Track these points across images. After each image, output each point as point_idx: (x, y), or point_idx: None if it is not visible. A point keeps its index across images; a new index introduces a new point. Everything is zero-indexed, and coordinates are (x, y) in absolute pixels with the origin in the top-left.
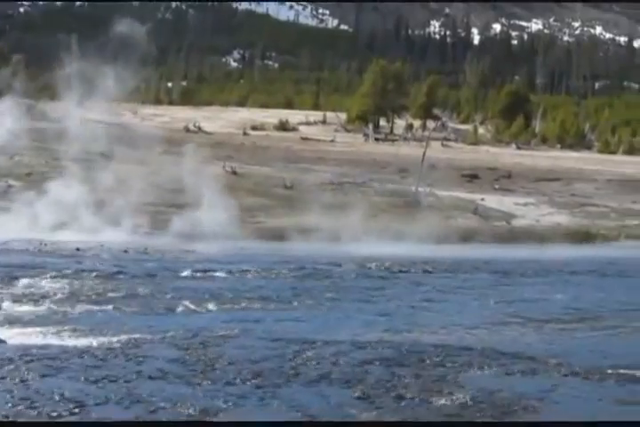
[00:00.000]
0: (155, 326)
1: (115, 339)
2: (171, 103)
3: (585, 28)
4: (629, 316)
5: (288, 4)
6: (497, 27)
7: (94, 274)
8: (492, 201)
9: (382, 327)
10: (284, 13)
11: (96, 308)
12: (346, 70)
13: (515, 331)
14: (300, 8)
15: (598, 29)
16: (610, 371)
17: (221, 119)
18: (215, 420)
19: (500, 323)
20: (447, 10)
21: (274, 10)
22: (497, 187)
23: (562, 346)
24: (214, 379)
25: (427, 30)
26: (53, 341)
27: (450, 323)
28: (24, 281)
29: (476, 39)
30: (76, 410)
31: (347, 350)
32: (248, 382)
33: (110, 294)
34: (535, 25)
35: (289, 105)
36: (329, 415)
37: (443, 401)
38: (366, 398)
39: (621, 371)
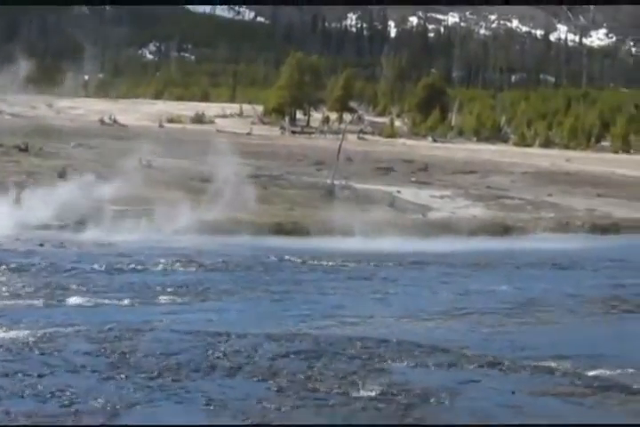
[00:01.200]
0: None
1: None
2: (87, 96)
3: (501, 22)
4: (542, 309)
5: None
6: (414, 20)
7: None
8: (408, 194)
9: (300, 320)
10: (200, 6)
11: None
12: (262, 63)
13: (428, 323)
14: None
15: (515, 23)
16: (524, 362)
17: (137, 112)
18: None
19: (416, 315)
20: None
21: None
22: (413, 179)
23: (476, 338)
24: (129, 373)
25: (344, 23)
26: None
27: (366, 315)
28: None
29: (393, 32)
30: None
31: (262, 343)
32: (163, 376)
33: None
34: (452, 18)
35: (205, 98)
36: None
37: (358, 393)
38: (282, 391)
39: (536, 363)
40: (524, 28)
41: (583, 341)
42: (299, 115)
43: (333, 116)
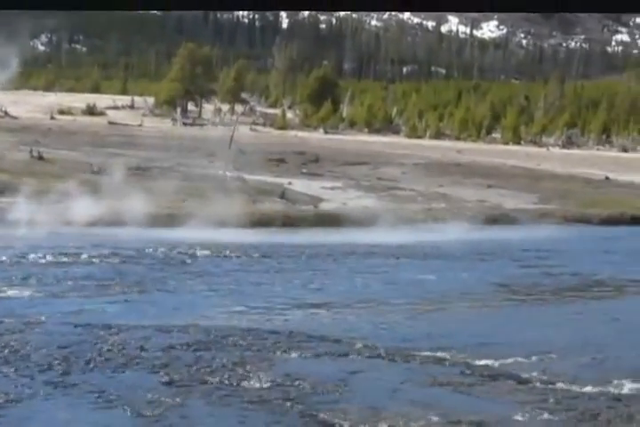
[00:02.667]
0: None
1: None
2: None
3: (393, 13)
4: (424, 301)
5: None
6: (306, 11)
7: None
8: (300, 185)
9: (194, 311)
10: None
11: None
12: (154, 55)
13: (319, 314)
14: None
15: (406, 14)
16: (414, 353)
17: (28, 104)
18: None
19: (307, 306)
20: None
21: None
22: (304, 171)
23: (366, 329)
24: (19, 366)
25: (235, 14)
26: None
27: (254, 306)
28: None
29: (285, 23)
30: None
31: (152, 335)
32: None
33: None
34: (343, 12)
35: (97, 89)
36: (135, 401)
37: (248, 384)
38: (172, 383)
39: (425, 353)
40: (416, 20)
41: (473, 330)
42: (190, 106)
43: (225, 107)
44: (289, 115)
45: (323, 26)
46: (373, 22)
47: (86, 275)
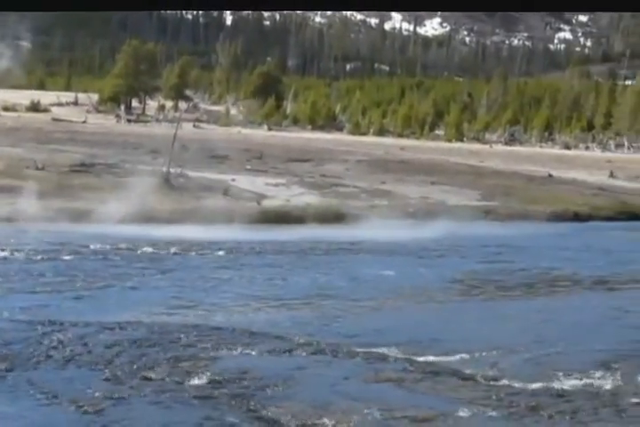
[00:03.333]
0: None
1: None
2: None
3: None
4: (379, 295)
5: None
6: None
7: None
8: (244, 182)
9: (141, 308)
10: None
11: None
12: (98, 51)
13: (262, 311)
14: None
15: (349, 11)
16: (358, 349)
17: None
18: None
19: (248, 304)
20: None
21: None
22: (248, 167)
23: (311, 325)
24: None
25: (179, 11)
26: None
27: (200, 303)
28: None
29: (229, 20)
30: None
31: (96, 332)
32: None
33: None
34: None
35: (41, 86)
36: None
37: (191, 381)
38: (115, 380)
39: (369, 349)
40: (359, 17)
41: (420, 326)
42: (134, 103)
43: (169, 104)
44: (233, 111)
45: (267, 23)
46: (317, 19)
47: (28, 270)
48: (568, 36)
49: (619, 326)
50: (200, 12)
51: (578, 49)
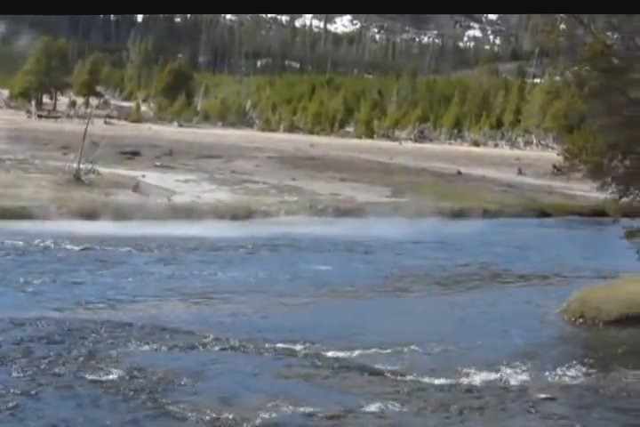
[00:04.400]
0: None
1: None
2: None
3: None
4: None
5: None
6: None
7: None
8: (154, 178)
9: (51, 304)
10: None
11: None
12: (9, 47)
13: (173, 306)
14: None
15: None
16: (268, 345)
17: None
18: None
19: (162, 299)
20: None
21: None
22: (158, 164)
23: (223, 321)
24: None
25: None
26: None
27: (112, 299)
28: None
29: (140, 17)
30: None
31: (5, 328)
32: None
33: None
34: None
35: None
36: None
37: (98, 377)
38: (24, 376)
39: (279, 345)
40: (270, 15)
41: (334, 322)
42: (45, 99)
43: (80, 100)
44: (143, 108)
45: (178, 20)
46: (228, 16)
47: None
48: (477, 34)
49: (530, 320)
50: None
51: (487, 47)
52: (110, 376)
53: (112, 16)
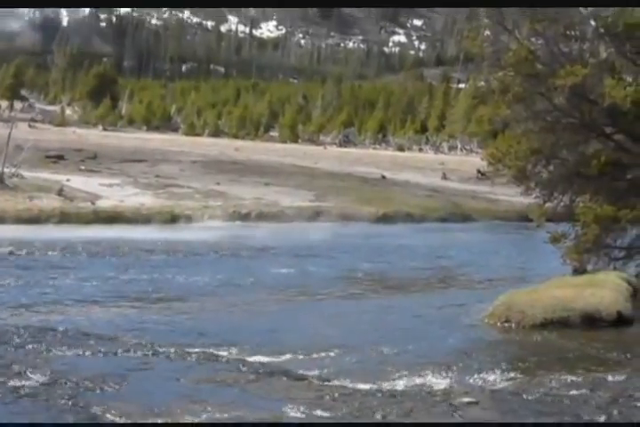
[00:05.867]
0: None
1: None
2: None
3: (173, 12)
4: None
5: None
6: (86, 9)
7: None
8: (78, 182)
9: None
10: None
11: None
12: None
13: (91, 310)
14: None
15: (186, 13)
16: (190, 350)
17: None
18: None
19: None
20: None
21: None
22: (82, 168)
23: (142, 325)
24: None
25: (16, 11)
26: None
27: (34, 304)
28: None
29: (65, 21)
30: None
31: None
32: None
33: None
34: (124, 8)
35: None
36: None
37: (19, 383)
38: None
39: (203, 350)
40: (195, 19)
41: (261, 326)
42: None
43: (4, 104)
44: (68, 111)
45: (103, 24)
46: (154, 21)
47: None
48: (403, 39)
49: (454, 324)
50: (37, 12)
51: (412, 52)
52: (31, 382)
53: (38, 20)
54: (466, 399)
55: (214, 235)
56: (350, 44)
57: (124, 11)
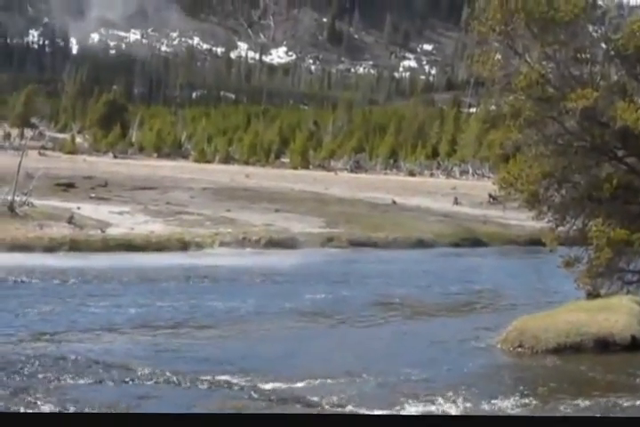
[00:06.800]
0: None
1: None
2: None
3: (183, 39)
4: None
5: None
6: (95, 36)
7: None
8: (88, 210)
9: None
10: None
11: None
12: None
13: (108, 339)
14: None
15: (196, 40)
16: (203, 377)
17: None
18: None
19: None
20: (46, 19)
21: None
22: (93, 195)
23: (153, 353)
24: None
25: (25, 39)
26: None
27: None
28: None
29: (75, 49)
30: None
31: None
32: None
33: None
34: (133, 35)
35: None
36: None
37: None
38: None
39: (215, 377)
40: (205, 46)
41: (271, 353)
42: None
43: (15, 132)
44: (78, 139)
45: (113, 51)
46: (163, 48)
47: None
48: (413, 64)
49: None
50: (46, 40)
51: (423, 77)
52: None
53: (47, 48)
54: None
55: (228, 261)
56: (361, 70)
57: (133, 38)
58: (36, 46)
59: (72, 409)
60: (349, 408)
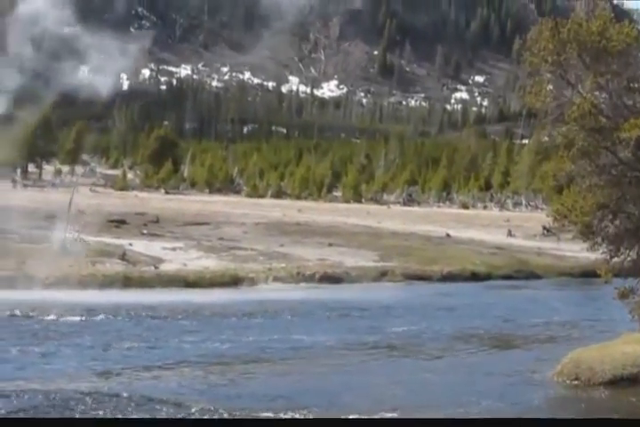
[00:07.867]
0: None
1: None
2: None
3: (233, 73)
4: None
5: None
6: (146, 72)
7: None
8: (140, 246)
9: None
10: None
11: None
12: None
13: (162, 375)
14: None
15: (247, 74)
16: (254, 414)
17: None
18: None
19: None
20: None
21: None
22: (145, 232)
23: (209, 390)
24: None
25: (76, 75)
26: None
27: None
28: None
29: (126, 84)
30: None
31: None
32: None
33: None
34: (184, 70)
35: None
36: None
37: None
38: None
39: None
40: (256, 80)
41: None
42: (31, 168)
43: (65, 168)
44: (129, 175)
45: (164, 87)
46: (214, 83)
47: None
48: (465, 96)
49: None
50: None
51: (474, 109)
52: None
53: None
54: None
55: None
56: (412, 102)
57: (184, 73)
58: (85, 82)
59: None
60: None
